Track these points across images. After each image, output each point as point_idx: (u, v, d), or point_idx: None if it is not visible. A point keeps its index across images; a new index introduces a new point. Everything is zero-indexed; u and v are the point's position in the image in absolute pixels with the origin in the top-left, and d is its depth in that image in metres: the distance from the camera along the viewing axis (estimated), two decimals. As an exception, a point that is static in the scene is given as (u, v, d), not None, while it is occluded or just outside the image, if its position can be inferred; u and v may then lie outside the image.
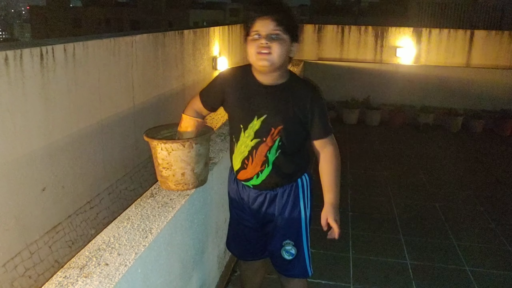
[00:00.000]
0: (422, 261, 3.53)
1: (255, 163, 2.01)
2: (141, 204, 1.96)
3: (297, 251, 2.12)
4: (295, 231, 2.12)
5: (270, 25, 1.82)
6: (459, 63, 9.08)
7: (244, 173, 2.07)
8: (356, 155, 6.23)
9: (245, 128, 1.99)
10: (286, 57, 1.90)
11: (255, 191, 2.10)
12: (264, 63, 1.84)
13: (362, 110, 8.21)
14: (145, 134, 2.04)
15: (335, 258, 3.53)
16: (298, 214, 2.10)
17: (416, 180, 5.42)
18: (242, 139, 2.01)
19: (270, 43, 1.82)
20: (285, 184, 2.08)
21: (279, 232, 2.13)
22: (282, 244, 2.12)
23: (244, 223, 2.24)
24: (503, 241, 3.91)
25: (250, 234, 2.26)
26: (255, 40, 1.84)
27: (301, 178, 2.11)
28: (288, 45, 1.87)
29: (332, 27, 9.43)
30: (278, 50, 1.83)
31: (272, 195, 2.09)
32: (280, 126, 1.94)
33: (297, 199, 2.10)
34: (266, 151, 1.98)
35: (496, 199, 4.89)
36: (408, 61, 9.14)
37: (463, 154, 6.69)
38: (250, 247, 2.31)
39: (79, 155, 3.53)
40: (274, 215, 2.12)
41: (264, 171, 2.02)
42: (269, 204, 2.11)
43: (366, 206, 4.58)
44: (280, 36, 1.83)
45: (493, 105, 8.09)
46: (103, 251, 1.57)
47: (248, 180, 2.08)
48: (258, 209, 2.14)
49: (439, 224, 4.23)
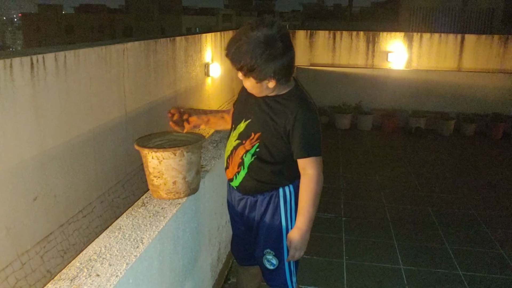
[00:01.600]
0: (415, 266, 3.54)
1: (233, 163, 2.08)
2: (132, 213, 1.95)
3: (278, 262, 2.11)
4: (275, 241, 2.11)
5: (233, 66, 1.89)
6: (450, 67, 9.15)
7: (228, 172, 2.14)
8: (349, 160, 6.24)
9: (235, 128, 2.08)
10: (264, 89, 1.91)
11: (239, 194, 2.15)
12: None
13: (354, 115, 8.24)
14: (136, 143, 2.03)
15: (329, 264, 3.53)
16: (279, 225, 2.08)
17: (408, 184, 5.44)
18: (230, 138, 2.11)
19: (242, 79, 1.92)
20: (265, 192, 2.07)
21: (261, 241, 2.14)
22: (263, 253, 2.13)
23: (237, 226, 2.29)
24: (496, 245, 3.93)
25: (243, 237, 2.29)
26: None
27: (284, 188, 2.07)
28: (255, 84, 1.88)
29: (323, 32, 9.48)
30: (249, 86, 1.93)
31: (252, 201, 2.11)
32: (259, 133, 1.98)
33: (277, 209, 2.07)
34: (243, 154, 2.02)
35: (488, 203, 4.92)
36: (399, 65, 9.19)
37: (456, 157, 6.72)
38: (244, 250, 2.34)
39: (71, 164, 3.51)
40: (255, 222, 2.14)
41: (240, 173, 2.06)
42: (250, 210, 2.14)
43: (359, 211, 4.58)
44: (244, 76, 1.89)
45: (485, 109, 8.15)
46: (94, 262, 1.55)
47: (231, 180, 2.14)
48: (242, 213, 2.18)
49: (432, 228, 4.24)
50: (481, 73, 8.68)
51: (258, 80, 1.86)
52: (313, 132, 1.94)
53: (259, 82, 1.86)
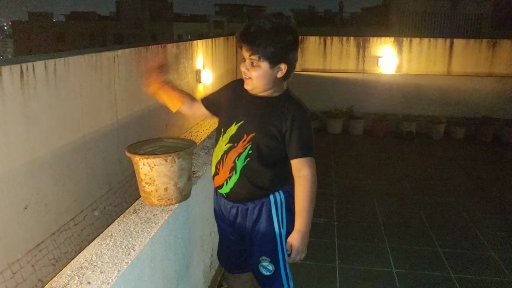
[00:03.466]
0: (407, 269, 3.55)
1: (225, 168, 2.04)
2: (124, 220, 1.95)
3: (274, 268, 2.12)
4: (270, 248, 2.11)
5: (247, 53, 1.90)
6: (440, 71, 9.22)
7: (217, 179, 2.11)
8: (341, 164, 6.26)
9: (224, 132, 2.06)
10: (270, 80, 1.94)
11: (229, 202, 2.13)
12: (247, 87, 1.99)
13: (345, 119, 8.28)
14: (127, 150, 2.03)
15: (321, 269, 3.54)
16: (272, 232, 2.08)
17: (400, 188, 5.47)
18: (219, 143, 2.07)
19: (250, 69, 1.91)
20: (255, 199, 2.07)
21: (255, 248, 2.14)
22: (259, 260, 2.13)
23: (227, 235, 2.27)
24: (487, 247, 3.96)
25: (234, 247, 2.28)
26: (243, 62, 1.96)
27: (274, 195, 2.08)
28: (267, 70, 1.90)
29: (314, 38, 9.52)
30: (256, 76, 1.92)
31: (243, 209, 2.10)
32: (252, 134, 1.97)
33: (270, 216, 2.08)
34: (235, 157, 2.00)
35: (479, 206, 4.96)
36: (390, 70, 9.25)
37: (446, 161, 6.77)
38: (235, 259, 2.32)
39: (62, 172, 3.49)
40: (248, 230, 2.13)
41: (232, 178, 2.04)
42: (241, 218, 2.12)
43: (351, 215, 4.60)
44: (256, 63, 1.89)
45: (474, 112, 8.22)
46: (85, 269, 1.55)
47: (220, 187, 2.11)
48: (233, 221, 2.16)
49: (424, 231, 4.26)
50: (470, 77, 8.76)
51: (273, 65, 1.89)
52: (309, 133, 1.99)
53: (273, 67, 1.90)
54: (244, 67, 1.94)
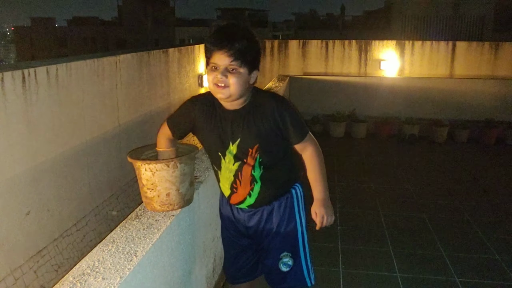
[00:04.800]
0: (412, 274, 3.53)
1: (244, 184, 2.02)
2: (126, 226, 1.93)
3: (293, 262, 2.13)
4: (292, 242, 2.13)
5: (226, 60, 1.80)
6: (442, 74, 9.21)
7: (236, 197, 2.08)
8: (344, 168, 6.24)
9: (223, 155, 2.00)
10: (246, 86, 1.88)
11: (251, 210, 2.11)
12: (221, 96, 1.86)
13: (348, 123, 8.27)
14: (129, 155, 2.02)
15: (325, 273, 3.51)
16: (294, 225, 2.12)
17: (403, 191, 5.44)
18: (224, 165, 2.02)
19: (227, 76, 1.81)
20: (280, 197, 2.09)
21: (276, 246, 2.13)
22: (280, 257, 2.13)
23: (238, 242, 2.24)
24: (491, 251, 3.93)
25: (244, 254, 2.26)
26: (213, 71, 1.84)
27: (294, 188, 2.13)
28: (246, 76, 1.86)
29: (316, 42, 9.53)
30: (235, 83, 1.82)
31: (269, 210, 2.10)
32: (256, 145, 1.95)
33: (292, 211, 2.11)
34: (251, 170, 1.99)
35: (483, 209, 4.93)
36: (392, 73, 9.25)
37: (450, 164, 6.74)
38: (243, 267, 2.30)
39: (64, 177, 3.49)
40: (272, 230, 2.12)
41: (254, 189, 2.03)
42: (266, 220, 2.11)
43: (355, 219, 4.58)
44: (237, 70, 1.82)
45: (477, 115, 8.20)
46: (87, 276, 1.54)
47: (242, 202, 2.09)
48: (255, 227, 2.14)
49: (427, 235, 4.24)
50: (473, 79, 8.75)
51: (250, 71, 1.86)
52: (296, 115, 1.99)
53: (250, 73, 1.87)
54: (219, 75, 1.81)
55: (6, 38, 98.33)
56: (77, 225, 3.67)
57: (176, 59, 5.75)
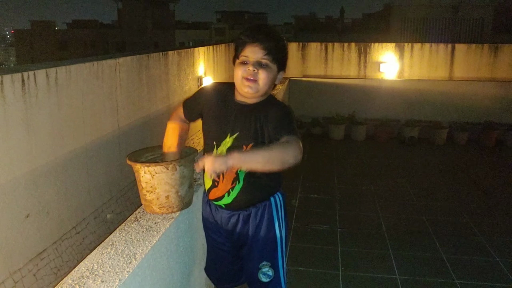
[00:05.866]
0: (411, 276, 3.53)
1: (226, 180, 2.00)
2: (125, 228, 1.93)
3: (274, 273, 2.08)
4: (271, 252, 2.08)
5: (260, 53, 1.83)
6: (441, 77, 9.22)
7: (215, 192, 2.06)
8: (343, 170, 6.24)
9: (218, 145, 1.99)
10: (271, 85, 1.91)
11: (228, 211, 2.07)
12: (249, 90, 1.86)
13: (347, 125, 8.27)
14: (128, 158, 2.02)
15: (324, 276, 3.51)
16: (273, 234, 2.06)
17: (403, 193, 5.44)
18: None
19: (258, 70, 1.83)
20: (257, 203, 2.04)
21: (255, 255, 2.09)
22: (259, 267, 2.08)
23: (219, 246, 2.21)
24: (491, 253, 3.93)
25: (227, 259, 2.23)
26: (243, 64, 1.85)
27: (274, 197, 2.07)
28: (275, 73, 1.89)
29: (316, 44, 9.54)
30: (265, 78, 1.84)
31: (245, 216, 2.06)
32: (251, 144, 1.93)
33: (271, 219, 2.06)
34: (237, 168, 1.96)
35: (482, 211, 4.93)
36: (391, 76, 9.26)
37: (449, 166, 6.74)
38: (227, 272, 2.27)
39: (63, 180, 3.49)
40: (249, 236, 2.08)
41: (235, 188, 2.00)
42: (242, 225, 2.08)
43: (354, 222, 4.58)
44: (269, 64, 1.84)
45: (477, 117, 8.21)
46: (86, 279, 1.54)
47: (219, 199, 2.06)
48: (232, 231, 2.11)
49: (427, 237, 4.24)
50: (472, 81, 8.75)
51: (279, 69, 1.91)
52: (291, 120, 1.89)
53: (279, 71, 1.91)
54: (251, 67, 1.82)
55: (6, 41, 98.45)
56: (77, 228, 3.67)
57: (176, 62, 5.76)
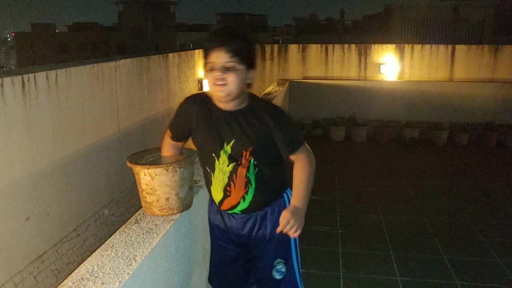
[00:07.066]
0: (412, 277, 3.52)
1: (238, 186, 2.00)
2: (125, 231, 1.93)
3: (287, 269, 2.11)
4: (285, 249, 2.11)
5: (224, 57, 1.82)
6: (442, 78, 9.22)
7: (228, 201, 2.05)
8: (344, 172, 6.24)
9: (217, 156, 1.99)
10: (243, 85, 1.90)
11: (244, 215, 2.08)
12: (221, 94, 1.87)
13: (348, 127, 8.27)
14: (128, 160, 2.02)
15: (326, 277, 3.51)
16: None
17: (404, 195, 5.44)
18: (218, 167, 2.01)
19: (225, 74, 1.83)
20: (273, 201, 2.07)
21: (270, 253, 2.11)
22: (274, 264, 2.10)
23: (228, 253, 2.21)
24: (492, 254, 3.92)
25: (234, 264, 2.23)
26: (211, 71, 1.85)
27: (286, 193, 2.12)
28: (244, 74, 1.88)
29: (316, 46, 9.55)
30: (234, 80, 1.84)
31: (261, 216, 2.07)
32: (250, 148, 1.95)
33: None
34: (246, 172, 1.98)
35: (483, 212, 4.92)
36: (392, 77, 9.26)
37: (450, 167, 6.73)
38: (233, 278, 2.27)
39: (64, 182, 3.49)
40: (265, 237, 2.09)
41: (249, 192, 2.01)
42: (260, 226, 2.09)
43: (355, 223, 4.57)
44: (235, 67, 1.84)
45: (477, 118, 8.20)
46: (86, 281, 1.54)
47: (234, 207, 2.06)
48: (248, 234, 2.11)
49: (428, 238, 4.23)
50: (473, 82, 8.75)
51: (248, 68, 1.89)
52: (291, 124, 2.01)
53: (248, 71, 1.89)
54: (219, 72, 1.83)
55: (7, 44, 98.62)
56: (77, 230, 3.67)
57: (176, 64, 5.77)
